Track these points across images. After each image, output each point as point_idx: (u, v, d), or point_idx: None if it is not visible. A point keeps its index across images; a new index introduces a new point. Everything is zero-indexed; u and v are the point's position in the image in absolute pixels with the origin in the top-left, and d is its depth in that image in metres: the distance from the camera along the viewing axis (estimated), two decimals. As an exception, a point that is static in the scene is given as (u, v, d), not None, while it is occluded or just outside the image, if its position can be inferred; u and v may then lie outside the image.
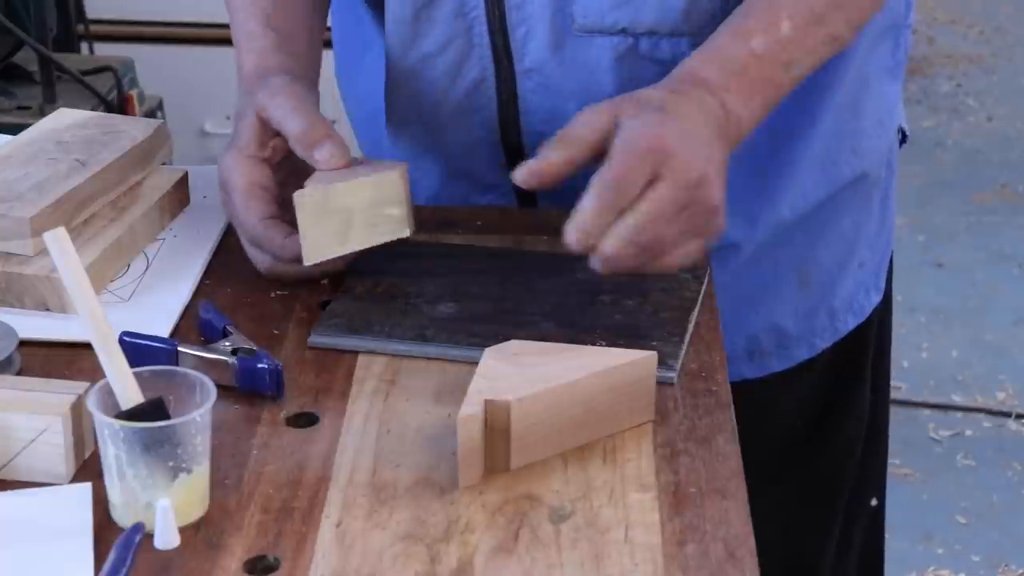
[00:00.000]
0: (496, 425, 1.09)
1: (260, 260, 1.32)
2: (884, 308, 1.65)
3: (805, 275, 1.53)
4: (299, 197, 1.26)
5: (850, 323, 1.58)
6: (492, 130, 1.44)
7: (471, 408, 1.08)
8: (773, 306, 1.52)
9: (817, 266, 1.53)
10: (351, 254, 1.29)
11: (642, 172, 1.18)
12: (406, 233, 1.31)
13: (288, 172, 1.34)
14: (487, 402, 1.09)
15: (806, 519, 1.65)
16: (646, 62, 1.39)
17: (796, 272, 1.52)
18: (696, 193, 1.20)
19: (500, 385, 1.10)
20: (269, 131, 1.32)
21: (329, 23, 1.53)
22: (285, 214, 1.30)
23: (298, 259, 1.27)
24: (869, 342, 1.63)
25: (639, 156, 1.18)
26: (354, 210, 1.27)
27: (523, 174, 1.22)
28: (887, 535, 2.87)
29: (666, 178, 1.18)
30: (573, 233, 1.18)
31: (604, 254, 1.18)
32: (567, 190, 1.23)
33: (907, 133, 1.62)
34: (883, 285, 1.61)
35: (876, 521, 1.76)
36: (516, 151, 1.44)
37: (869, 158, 1.53)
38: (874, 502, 1.74)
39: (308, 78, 1.40)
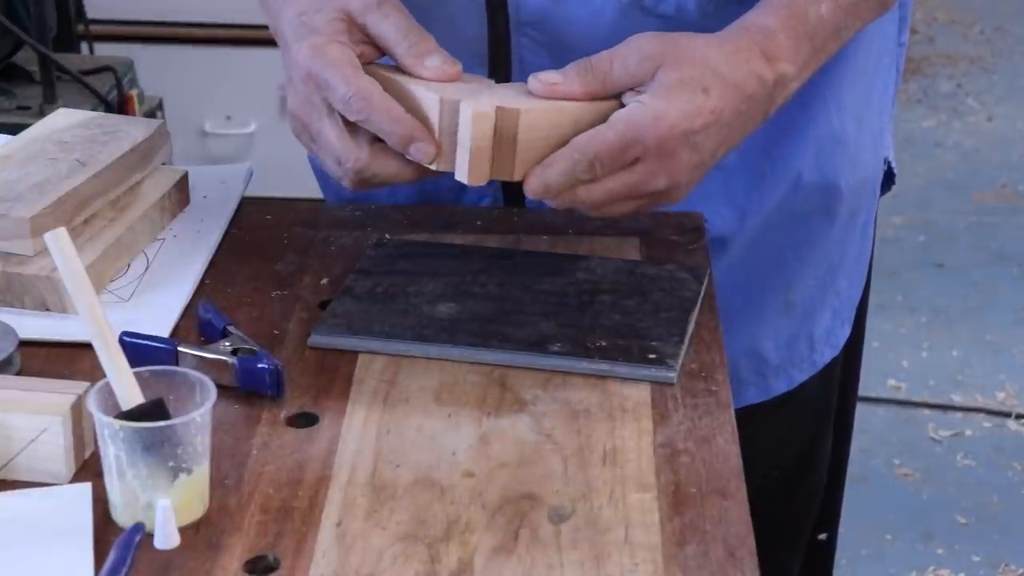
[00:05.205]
0: (504, 133, 1.15)
1: (353, 157, 1.22)
2: (854, 347, 1.62)
3: (791, 299, 1.50)
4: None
5: (827, 355, 1.55)
6: None
7: (484, 107, 1.13)
8: (755, 329, 1.49)
9: (802, 289, 1.50)
10: None
11: (629, 157, 1.18)
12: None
13: None
14: (498, 108, 1.14)
15: (767, 563, 1.61)
16: None
17: (783, 295, 1.49)
18: (666, 194, 1.21)
19: (508, 98, 1.17)
20: (357, 33, 1.24)
21: None
22: None
23: (411, 139, 1.19)
24: (836, 379, 1.61)
25: (637, 146, 1.18)
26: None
27: (537, 83, 1.19)
28: (887, 536, 2.87)
29: (644, 170, 1.18)
30: (535, 185, 1.19)
31: (550, 203, 1.21)
32: None
33: (895, 173, 1.59)
34: (853, 319, 1.58)
35: (825, 554, 1.73)
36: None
37: (861, 172, 1.49)
38: (823, 536, 1.72)
39: None
